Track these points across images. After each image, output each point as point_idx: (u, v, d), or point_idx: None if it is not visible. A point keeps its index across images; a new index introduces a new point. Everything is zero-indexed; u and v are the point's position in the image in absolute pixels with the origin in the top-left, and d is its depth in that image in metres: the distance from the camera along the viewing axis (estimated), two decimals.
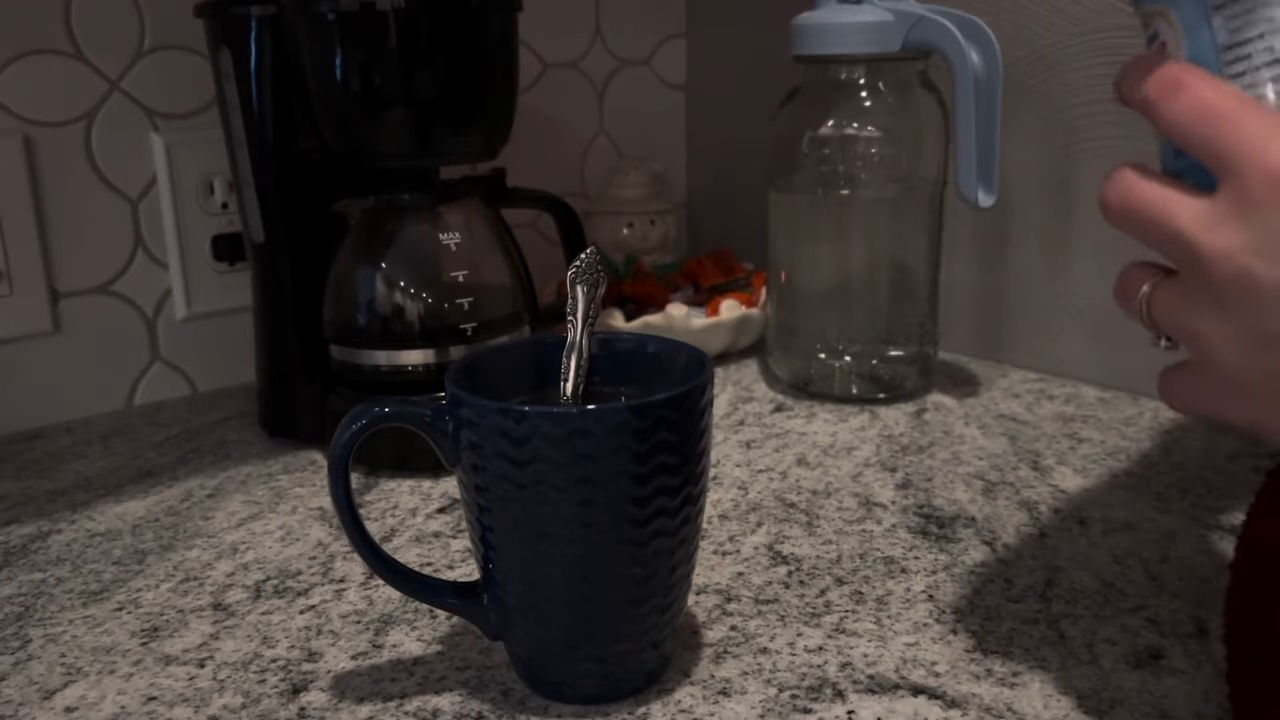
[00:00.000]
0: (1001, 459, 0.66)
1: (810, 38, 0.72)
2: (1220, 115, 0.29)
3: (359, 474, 0.65)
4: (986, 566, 0.53)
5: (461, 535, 0.57)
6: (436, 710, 0.42)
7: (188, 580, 0.54)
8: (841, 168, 0.74)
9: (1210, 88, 0.30)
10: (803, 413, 0.75)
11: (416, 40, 0.62)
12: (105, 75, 0.76)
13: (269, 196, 0.68)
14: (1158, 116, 0.31)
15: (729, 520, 0.58)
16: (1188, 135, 0.30)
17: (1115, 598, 0.49)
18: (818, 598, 0.50)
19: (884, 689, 0.43)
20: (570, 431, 0.38)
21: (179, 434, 0.74)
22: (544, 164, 0.97)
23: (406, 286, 0.67)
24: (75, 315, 0.77)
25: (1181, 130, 0.30)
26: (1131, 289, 0.33)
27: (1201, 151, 0.30)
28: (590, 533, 0.39)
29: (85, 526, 0.60)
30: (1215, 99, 0.29)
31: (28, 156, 0.73)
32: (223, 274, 0.82)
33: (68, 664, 0.46)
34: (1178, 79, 0.30)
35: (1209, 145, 0.29)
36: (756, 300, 0.86)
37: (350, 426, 0.41)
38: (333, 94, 0.64)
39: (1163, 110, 0.30)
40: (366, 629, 0.48)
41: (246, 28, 0.65)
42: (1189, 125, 0.30)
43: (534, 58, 0.96)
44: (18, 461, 0.70)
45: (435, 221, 0.67)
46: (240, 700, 0.43)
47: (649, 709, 0.42)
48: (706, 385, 0.41)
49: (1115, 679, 0.43)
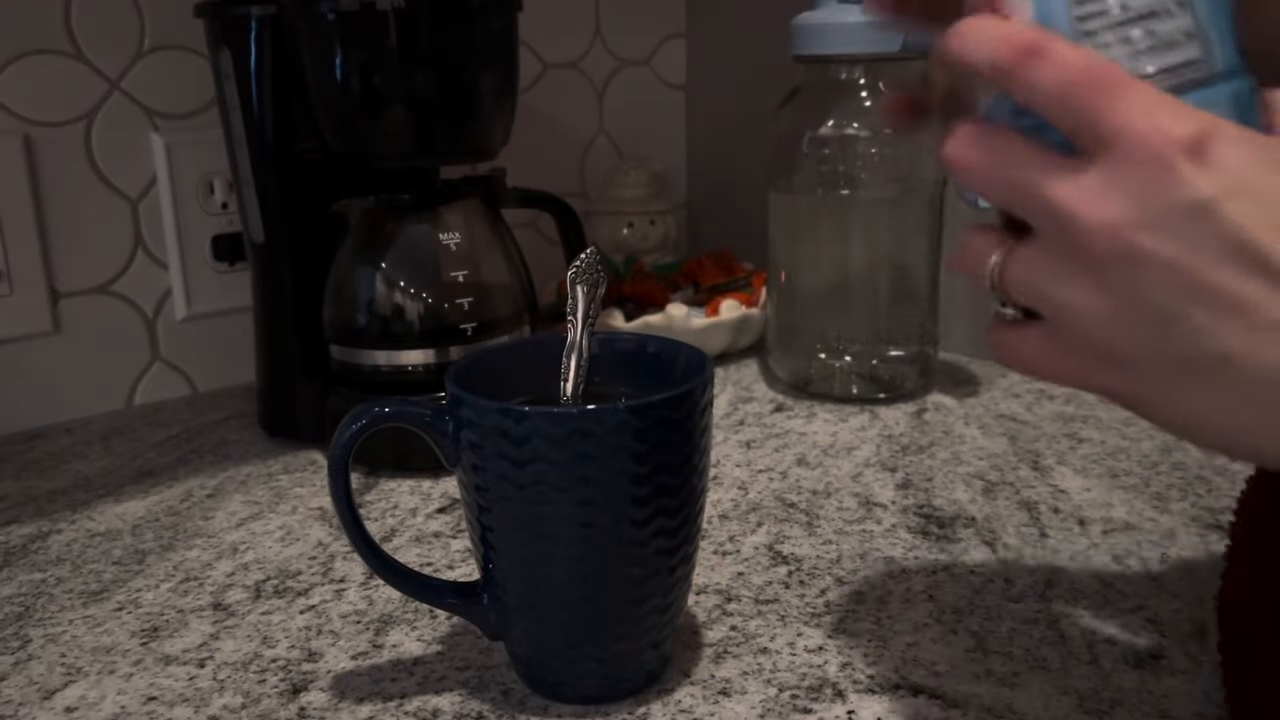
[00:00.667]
0: (1001, 459, 0.66)
1: (810, 38, 0.72)
2: (1093, 85, 0.28)
3: (359, 474, 0.65)
4: (986, 566, 0.53)
5: (461, 535, 0.57)
6: (436, 710, 0.42)
7: (188, 580, 0.54)
8: (841, 168, 0.74)
9: (1075, 53, 0.29)
10: (803, 413, 0.75)
11: (416, 40, 0.62)
12: (105, 75, 0.76)
13: (269, 196, 0.68)
14: (1015, 85, 0.29)
15: (729, 520, 0.58)
16: (1057, 107, 0.29)
17: (1115, 598, 0.49)
18: (818, 598, 0.50)
19: (884, 689, 0.43)
20: (570, 431, 0.38)
21: (179, 434, 0.74)
22: (544, 164, 0.97)
23: (406, 286, 0.67)
24: (75, 315, 0.77)
25: (1048, 101, 0.29)
26: (979, 256, 0.32)
27: (1071, 123, 0.29)
28: (590, 533, 0.39)
29: (85, 526, 0.60)
30: (1084, 67, 0.28)
31: (28, 156, 0.73)
32: (223, 274, 0.82)
33: (68, 664, 0.46)
34: (1035, 44, 0.29)
35: (1082, 116, 0.28)
36: (756, 300, 0.86)
37: (350, 426, 0.41)
38: (333, 94, 0.64)
39: (1022, 79, 0.29)
40: (366, 629, 0.48)
41: (246, 28, 0.65)
42: (1057, 96, 0.29)
43: (534, 58, 0.96)
44: (18, 461, 0.70)
45: (435, 221, 0.67)
46: (240, 700, 0.43)
47: (649, 709, 0.42)
48: (706, 385, 0.41)
49: (1115, 679, 0.43)
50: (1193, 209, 0.27)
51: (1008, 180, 0.30)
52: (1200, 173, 0.27)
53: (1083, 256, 0.28)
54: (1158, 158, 0.27)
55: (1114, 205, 0.28)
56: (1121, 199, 0.28)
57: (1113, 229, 0.28)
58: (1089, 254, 0.28)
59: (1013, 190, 0.30)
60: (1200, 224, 0.27)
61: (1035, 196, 0.29)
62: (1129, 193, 0.28)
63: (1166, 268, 0.27)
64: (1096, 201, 0.28)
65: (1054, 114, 0.29)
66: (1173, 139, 0.27)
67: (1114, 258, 0.28)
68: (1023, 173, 0.29)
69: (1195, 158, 0.27)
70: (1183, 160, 0.27)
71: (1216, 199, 0.27)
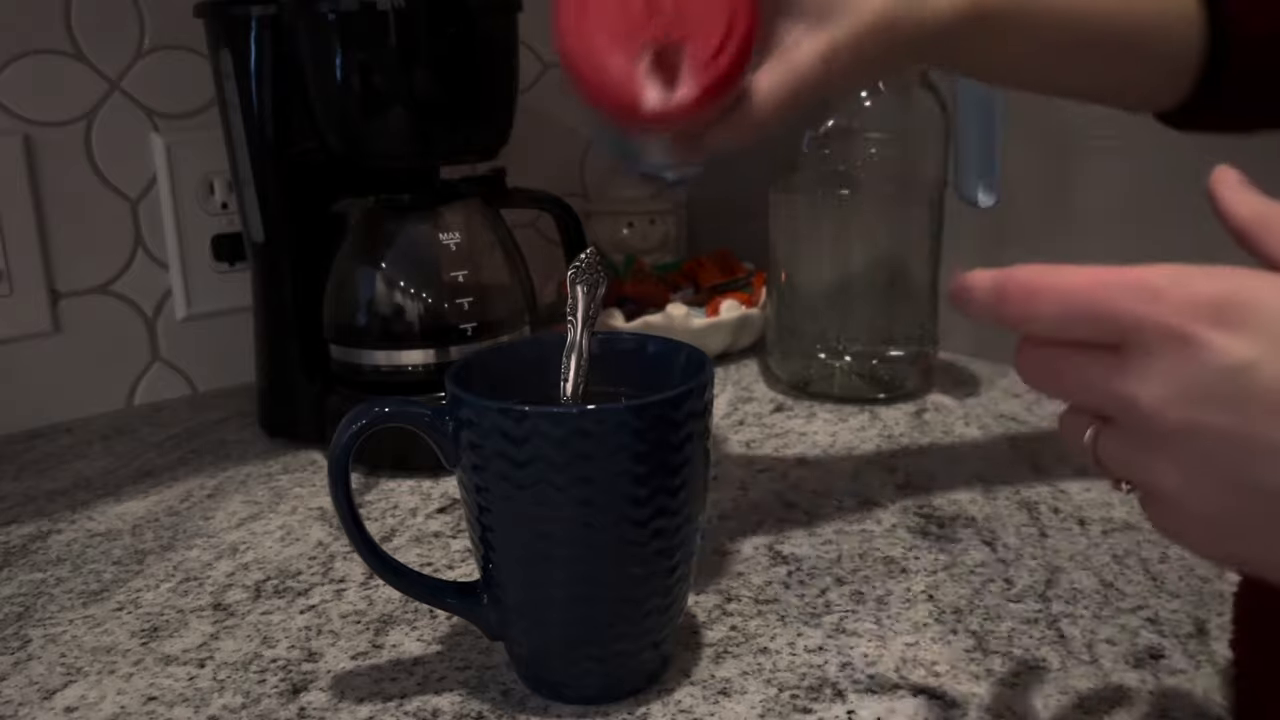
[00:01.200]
0: (1001, 459, 0.66)
1: None
2: (1091, 291, 0.29)
3: (359, 474, 0.65)
4: (986, 566, 0.53)
5: (461, 535, 0.57)
6: (436, 710, 0.42)
7: (188, 580, 0.54)
8: (841, 168, 0.74)
9: (1066, 272, 0.30)
10: (803, 413, 0.75)
11: (416, 40, 0.62)
12: (105, 75, 0.76)
13: (269, 196, 0.68)
14: (1030, 327, 0.31)
15: (729, 520, 0.58)
16: (1071, 328, 0.30)
17: (1115, 598, 0.49)
18: (818, 598, 0.50)
19: (884, 689, 0.43)
20: (570, 431, 0.38)
21: (179, 434, 0.74)
22: (544, 164, 0.97)
23: (406, 286, 0.67)
24: (75, 315, 0.77)
25: (1062, 327, 0.30)
26: (1076, 436, 0.33)
27: (1090, 334, 0.30)
28: (590, 533, 0.39)
29: (85, 526, 0.60)
30: (1076, 279, 0.29)
31: (28, 156, 0.73)
32: (223, 274, 0.82)
33: (68, 664, 0.46)
34: (1030, 282, 0.30)
35: (1095, 325, 0.29)
36: (756, 300, 0.86)
37: (350, 426, 0.41)
38: (333, 94, 0.64)
39: (1031, 319, 0.30)
40: (366, 629, 0.48)
41: (246, 28, 0.65)
42: (1066, 319, 0.30)
43: (534, 58, 0.96)
44: (18, 461, 0.70)
45: (435, 221, 0.67)
46: (240, 700, 0.43)
47: (649, 709, 0.42)
48: (706, 385, 0.41)
49: (1115, 679, 0.43)
50: (1231, 377, 0.27)
51: (1066, 383, 0.31)
52: (1230, 338, 0.27)
53: (1151, 437, 0.29)
54: (1177, 338, 0.28)
55: (1154, 387, 0.28)
56: (1158, 380, 0.28)
57: (1162, 409, 0.28)
58: (1155, 434, 0.29)
59: (1072, 391, 0.31)
60: (1243, 388, 0.27)
61: (1091, 390, 0.30)
62: (1162, 375, 0.28)
63: (1223, 437, 0.28)
64: (1140, 385, 0.28)
65: (1073, 335, 0.30)
66: (1187, 315, 0.27)
67: (1175, 434, 0.28)
68: (1073, 372, 0.30)
69: (1222, 324, 0.27)
70: (1208, 330, 0.27)
71: (1254, 362, 0.27)
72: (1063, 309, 0.30)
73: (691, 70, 0.41)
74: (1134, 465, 0.30)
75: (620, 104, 0.41)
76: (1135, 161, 0.74)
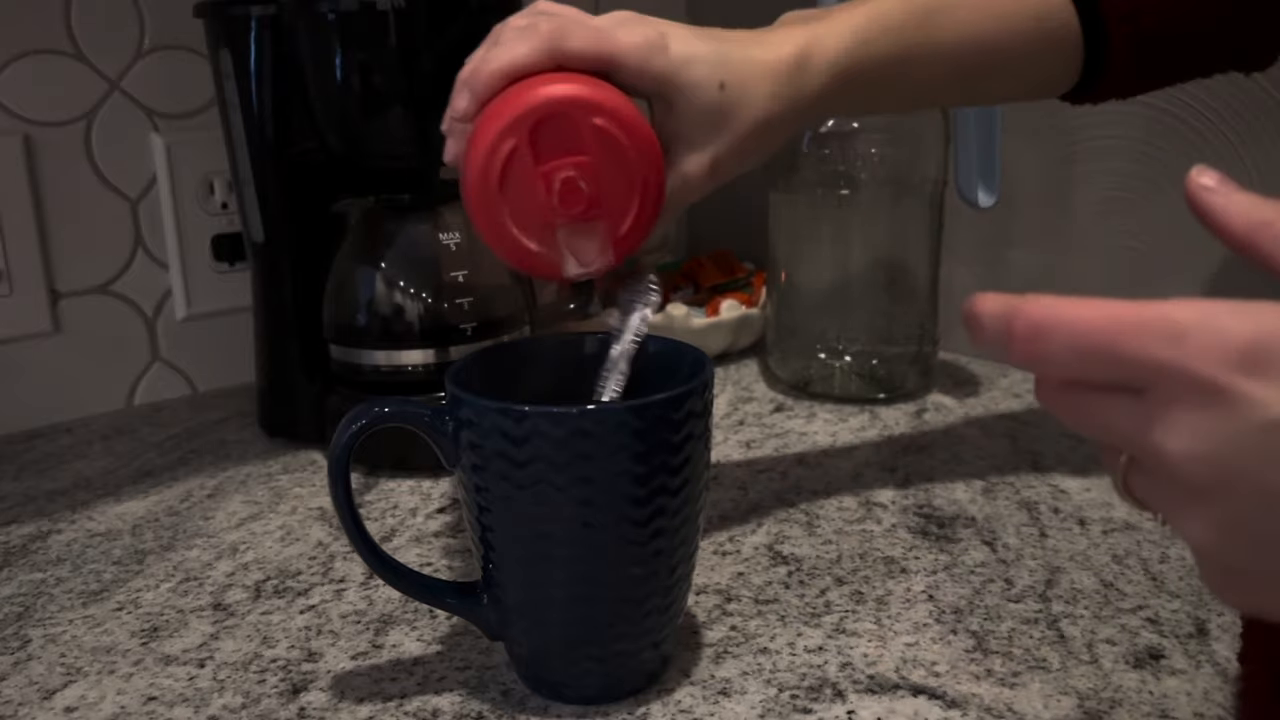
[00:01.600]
0: (1001, 459, 0.66)
1: None
2: (1108, 332, 0.26)
3: (359, 474, 0.65)
4: (986, 566, 0.53)
5: (461, 535, 0.57)
6: (436, 710, 0.42)
7: (188, 580, 0.54)
8: (841, 167, 0.74)
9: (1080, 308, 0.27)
10: (803, 413, 0.75)
11: (416, 40, 0.62)
12: (105, 75, 0.76)
13: (269, 196, 0.68)
14: (1040, 368, 0.28)
15: (729, 520, 0.58)
16: (1085, 370, 0.27)
17: (1115, 598, 0.49)
18: (818, 598, 0.50)
19: (884, 689, 0.43)
20: (570, 431, 0.38)
21: (179, 434, 0.74)
22: None
23: (406, 286, 0.67)
24: (75, 315, 0.77)
25: (1076, 368, 0.27)
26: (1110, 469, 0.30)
27: (1107, 377, 0.27)
28: (590, 533, 0.39)
29: (85, 526, 0.60)
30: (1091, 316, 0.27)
31: (28, 156, 0.73)
32: (223, 274, 0.82)
33: (68, 664, 0.46)
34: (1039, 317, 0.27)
35: (1112, 368, 0.27)
36: (756, 300, 0.86)
37: (350, 426, 0.41)
38: (333, 94, 0.64)
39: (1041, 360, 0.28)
40: (366, 629, 0.48)
41: (246, 28, 0.65)
42: (1080, 360, 0.27)
43: None
44: (18, 461, 0.70)
45: (435, 221, 0.67)
46: (240, 700, 0.43)
47: (649, 709, 0.42)
48: (706, 385, 0.41)
49: (1115, 679, 0.43)
50: (1266, 431, 0.25)
51: (1086, 422, 0.29)
52: (1264, 388, 0.25)
53: (1179, 485, 0.27)
54: (1207, 389, 0.25)
55: (1181, 439, 0.26)
56: (1185, 432, 0.26)
57: (1190, 464, 0.26)
58: (1185, 489, 0.27)
59: (1093, 430, 0.29)
60: (1277, 441, 0.25)
61: (1113, 433, 0.28)
62: (1189, 427, 0.26)
63: (1259, 494, 0.25)
64: (1166, 435, 0.26)
65: (1088, 377, 0.27)
66: (1216, 363, 0.25)
67: (1204, 490, 0.26)
68: (1093, 411, 0.28)
69: (1248, 374, 0.25)
70: (1240, 381, 0.25)
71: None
72: (1076, 351, 0.27)
73: (608, 242, 0.43)
74: (1166, 511, 0.28)
75: (540, 273, 0.44)
76: (1135, 161, 0.74)
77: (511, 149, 0.41)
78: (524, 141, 0.41)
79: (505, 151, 0.41)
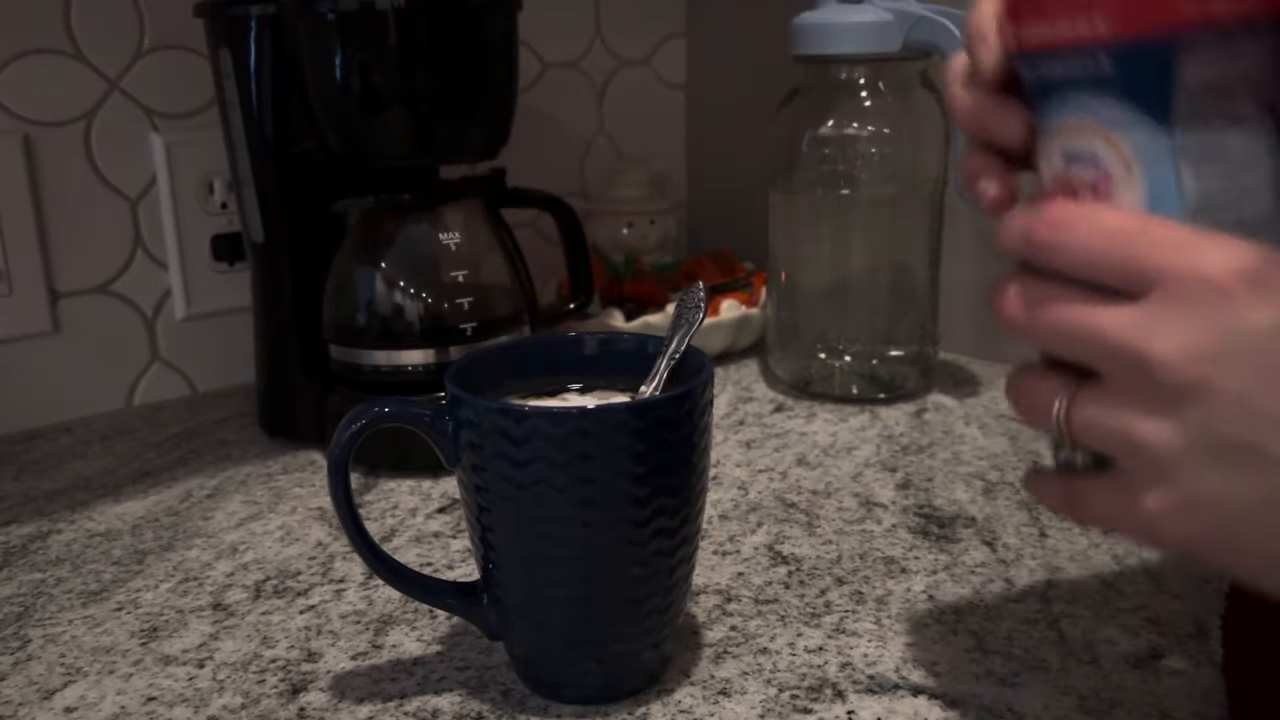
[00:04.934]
0: (1001, 459, 0.66)
1: (810, 37, 0.72)
2: (1129, 234, 0.28)
3: (359, 474, 0.65)
4: (986, 566, 0.53)
5: (461, 535, 0.57)
6: (436, 710, 0.42)
7: (187, 580, 0.54)
8: (841, 168, 0.74)
9: (1105, 212, 0.29)
10: (803, 413, 0.75)
11: (416, 40, 0.62)
12: (105, 75, 0.76)
13: (269, 196, 0.68)
14: (1057, 255, 0.29)
15: (729, 520, 0.58)
16: (1098, 263, 0.28)
17: (1115, 598, 0.49)
18: (818, 598, 0.50)
19: (884, 689, 0.43)
20: (570, 431, 0.38)
21: (179, 434, 0.74)
22: (544, 164, 0.97)
23: (406, 286, 0.67)
24: (75, 315, 0.77)
25: (1089, 260, 0.29)
26: (1040, 401, 0.31)
27: (1115, 274, 0.28)
28: (590, 533, 0.39)
29: (85, 526, 0.60)
30: (1116, 220, 0.28)
31: (27, 156, 0.73)
32: (222, 274, 0.82)
33: (67, 664, 0.46)
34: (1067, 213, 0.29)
35: (1124, 265, 0.28)
36: (756, 300, 0.86)
37: (350, 426, 0.41)
38: (333, 94, 0.64)
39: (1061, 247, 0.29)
40: (366, 629, 0.48)
41: (246, 28, 0.65)
42: (1097, 253, 0.28)
43: (534, 58, 0.96)
44: (17, 461, 0.70)
45: (435, 221, 0.67)
46: (240, 700, 0.43)
47: (649, 709, 0.42)
48: (706, 385, 0.41)
49: (1115, 679, 0.43)
50: (1257, 339, 0.26)
51: (1066, 328, 0.29)
52: (1261, 302, 0.26)
53: (1154, 391, 0.28)
54: (1214, 289, 0.27)
55: (1176, 338, 0.27)
56: (1181, 332, 0.27)
57: (1179, 362, 0.27)
58: (1160, 388, 0.27)
59: (1072, 337, 0.29)
60: (1267, 353, 0.26)
61: (1096, 339, 0.29)
62: (1188, 326, 0.27)
63: (1238, 400, 0.26)
64: (1159, 335, 0.27)
65: (1098, 272, 0.29)
66: (1228, 269, 0.27)
67: (1184, 390, 0.27)
68: (1079, 317, 0.29)
69: (1255, 287, 0.26)
70: (1242, 289, 0.26)
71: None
72: (1099, 244, 0.28)
73: None
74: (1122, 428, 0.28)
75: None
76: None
77: None
78: None
79: None
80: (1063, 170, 0.32)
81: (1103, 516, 0.31)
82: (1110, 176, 0.30)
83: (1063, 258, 0.29)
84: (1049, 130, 0.32)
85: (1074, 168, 0.31)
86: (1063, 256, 0.29)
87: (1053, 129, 0.32)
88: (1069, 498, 0.32)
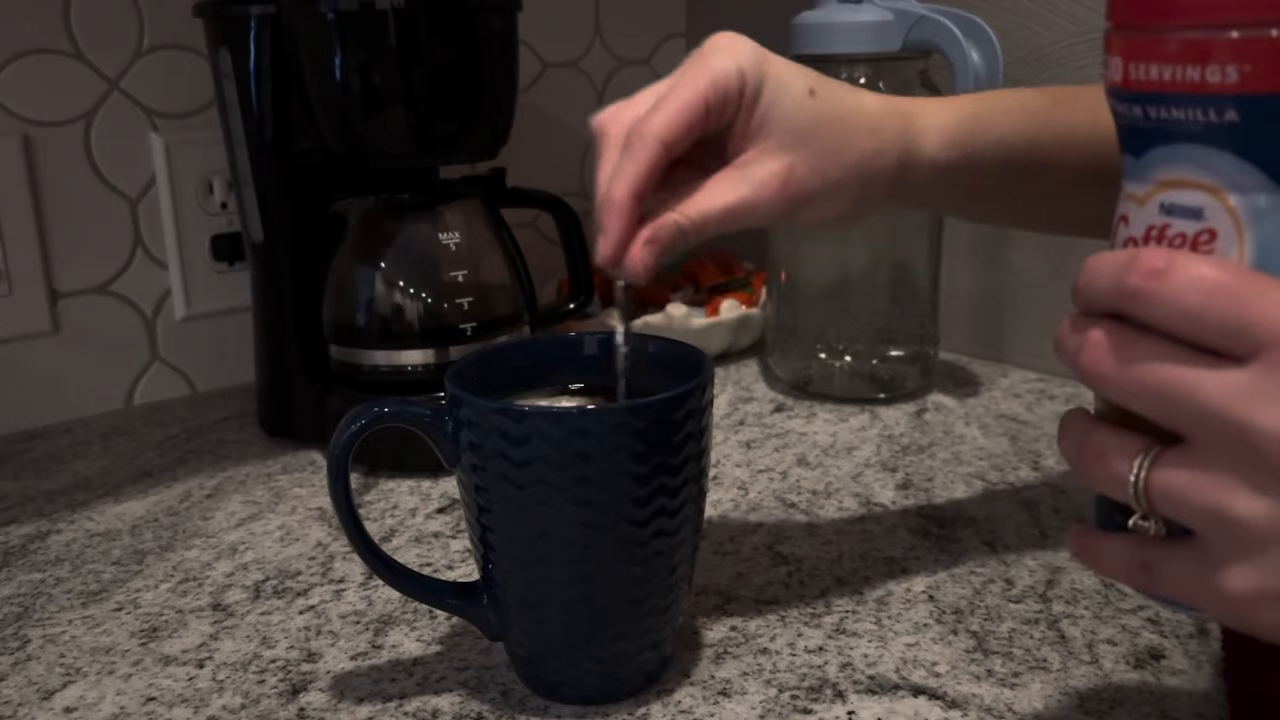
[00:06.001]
0: (1001, 459, 0.65)
1: (810, 37, 0.72)
2: (1236, 290, 0.26)
3: (359, 474, 0.65)
4: (986, 566, 0.52)
5: (461, 535, 0.57)
6: (436, 710, 0.42)
7: (187, 580, 0.54)
8: None
9: (1209, 263, 0.26)
10: (803, 413, 0.75)
11: (416, 40, 0.62)
12: (105, 75, 0.76)
13: (269, 196, 0.68)
14: (1154, 307, 0.27)
15: (729, 520, 0.58)
16: (1201, 319, 0.26)
17: (1115, 598, 0.49)
18: (818, 598, 0.50)
19: (884, 689, 0.43)
20: (570, 431, 0.38)
21: (178, 434, 0.74)
22: (544, 164, 0.97)
23: (406, 286, 0.67)
24: (75, 315, 0.77)
25: (1191, 315, 0.26)
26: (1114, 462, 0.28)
27: (1218, 333, 0.26)
28: (590, 533, 0.39)
29: (85, 526, 0.60)
30: (1222, 274, 0.26)
31: (27, 156, 0.73)
32: (222, 274, 0.82)
33: (67, 664, 0.46)
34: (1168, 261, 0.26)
35: (1229, 324, 0.25)
36: (756, 300, 0.86)
37: (350, 426, 0.41)
38: (332, 94, 0.64)
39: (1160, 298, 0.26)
40: (366, 629, 0.48)
41: (246, 28, 0.65)
42: (1200, 308, 0.26)
43: (534, 58, 0.96)
44: (17, 461, 0.70)
45: (435, 221, 0.67)
46: (240, 701, 0.43)
47: (649, 709, 0.42)
48: (706, 385, 0.41)
49: (1115, 679, 0.43)
50: None
51: (1161, 388, 0.27)
52: None
53: (1253, 464, 0.25)
54: None
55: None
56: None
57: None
58: (1260, 461, 0.25)
59: (1166, 398, 0.27)
60: None
61: (1193, 402, 0.26)
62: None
63: None
64: (1263, 405, 0.25)
65: (1198, 327, 0.26)
66: None
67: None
68: (1175, 377, 0.26)
69: None
70: None
71: None
72: (1202, 299, 0.26)
73: None
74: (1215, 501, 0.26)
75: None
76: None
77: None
78: None
79: None
80: (1159, 220, 0.29)
81: (1177, 589, 0.28)
82: (1215, 233, 0.28)
83: (1161, 310, 0.27)
84: (1146, 178, 0.30)
85: (1173, 218, 0.29)
86: (1161, 309, 0.27)
87: (1151, 177, 0.29)
88: (1140, 565, 0.29)
